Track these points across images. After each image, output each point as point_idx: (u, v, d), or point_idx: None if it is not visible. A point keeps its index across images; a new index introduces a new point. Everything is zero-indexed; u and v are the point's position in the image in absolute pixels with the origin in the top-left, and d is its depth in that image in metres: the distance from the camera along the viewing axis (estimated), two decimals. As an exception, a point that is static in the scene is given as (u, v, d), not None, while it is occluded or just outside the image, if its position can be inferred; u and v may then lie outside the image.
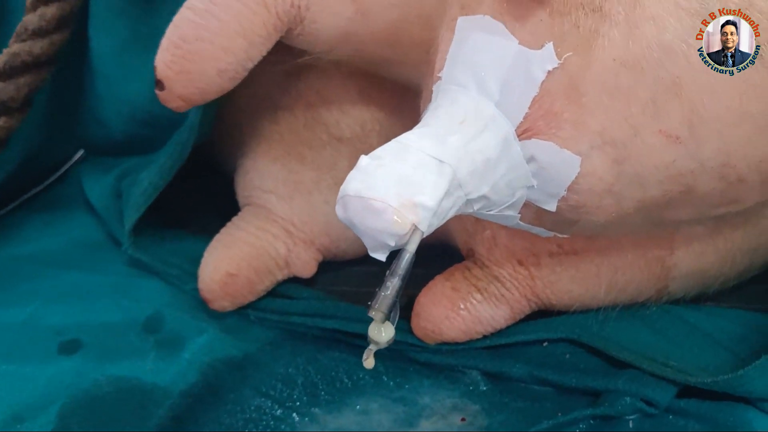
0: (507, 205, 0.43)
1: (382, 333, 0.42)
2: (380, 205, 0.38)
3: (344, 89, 0.56)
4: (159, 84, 0.46)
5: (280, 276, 0.59)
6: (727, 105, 0.40)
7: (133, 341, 0.56)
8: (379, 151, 0.40)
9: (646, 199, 0.43)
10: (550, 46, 0.40)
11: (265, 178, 0.59)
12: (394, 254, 0.41)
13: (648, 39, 0.39)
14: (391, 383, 0.53)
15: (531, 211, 0.44)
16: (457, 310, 0.53)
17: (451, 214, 0.41)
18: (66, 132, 0.68)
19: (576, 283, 0.53)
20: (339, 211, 0.40)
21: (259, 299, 0.58)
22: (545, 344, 0.55)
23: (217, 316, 0.57)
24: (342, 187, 0.39)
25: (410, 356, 0.55)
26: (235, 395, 0.52)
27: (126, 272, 0.61)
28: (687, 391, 0.51)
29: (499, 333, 0.55)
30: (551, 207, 0.43)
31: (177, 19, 0.46)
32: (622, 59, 0.39)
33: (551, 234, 0.47)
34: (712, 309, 0.56)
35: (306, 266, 0.59)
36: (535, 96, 0.40)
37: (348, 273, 0.62)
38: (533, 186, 0.42)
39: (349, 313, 0.56)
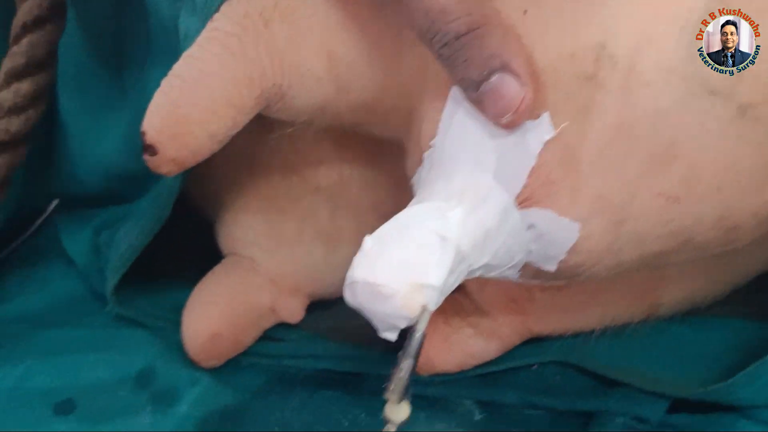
0: (507, 267, 0.43)
1: (399, 413, 0.42)
2: (388, 290, 0.38)
3: (318, 140, 0.55)
4: (150, 149, 0.45)
5: (267, 325, 0.59)
6: (723, 162, 0.40)
7: (127, 397, 0.55)
8: (381, 232, 0.40)
9: (644, 254, 0.43)
10: (546, 116, 0.40)
11: (246, 230, 0.59)
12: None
13: (643, 105, 0.39)
14: (388, 419, 0.53)
15: (531, 270, 0.44)
16: (449, 344, 0.54)
17: (455, 286, 0.41)
18: (41, 188, 0.67)
19: (568, 315, 0.54)
20: (347, 295, 0.40)
21: (250, 344, 0.58)
22: (534, 367, 0.56)
23: (209, 364, 0.57)
24: (348, 273, 0.40)
25: (405, 390, 0.55)
26: (234, 447, 0.52)
27: (112, 325, 0.60)
28: (678, 407, 0.52)
29: (489, 361, 0.55)
30: (551, 268, 0.43)
31: (165, 86, 0.45)
32: (617, 126, 0.39)
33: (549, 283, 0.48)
34: (699, 319, 0.57)
35: (293, 313, 0.59)
36: (533, 166, 0.40)
37: (331, 308, 0.61)
38: (532, 251, 0.43)
39: (341, 351, 0.56)
